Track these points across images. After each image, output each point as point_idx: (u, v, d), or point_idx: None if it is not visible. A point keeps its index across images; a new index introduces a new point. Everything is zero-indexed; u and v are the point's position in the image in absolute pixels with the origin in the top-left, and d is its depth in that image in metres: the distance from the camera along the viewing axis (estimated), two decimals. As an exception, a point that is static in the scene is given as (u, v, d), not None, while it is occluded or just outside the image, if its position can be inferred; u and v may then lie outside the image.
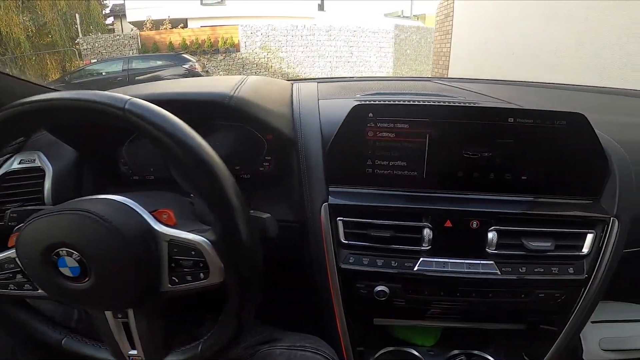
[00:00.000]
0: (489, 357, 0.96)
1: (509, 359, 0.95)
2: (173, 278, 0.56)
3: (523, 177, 0.76)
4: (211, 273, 0.55)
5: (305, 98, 0.94)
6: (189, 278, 0.56)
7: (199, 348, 0.61)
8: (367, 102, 0.78)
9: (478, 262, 0.75)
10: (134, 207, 0.56)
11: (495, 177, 0.76)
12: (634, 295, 1.09)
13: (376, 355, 0.95)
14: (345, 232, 0.75)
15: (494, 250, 0.75)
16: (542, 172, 0.76)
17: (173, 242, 0.54)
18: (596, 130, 0.74)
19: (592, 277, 0.76)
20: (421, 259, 0.76)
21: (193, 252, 0.54)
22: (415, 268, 0.76)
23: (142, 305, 0.58)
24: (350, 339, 0.84)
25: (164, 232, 0.55)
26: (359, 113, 0.76)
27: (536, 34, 4.14)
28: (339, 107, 0.88)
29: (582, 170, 0.76)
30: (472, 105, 0.90)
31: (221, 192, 0.51)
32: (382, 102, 0.79)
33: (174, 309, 0.68)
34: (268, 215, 0.64)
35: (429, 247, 0.76)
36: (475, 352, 0.98)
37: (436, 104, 0.89)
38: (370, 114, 0.76)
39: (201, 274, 0.55)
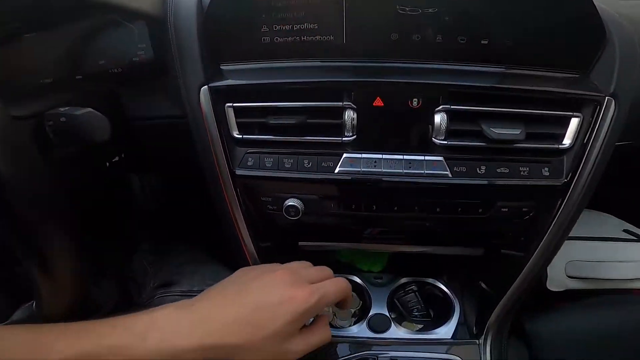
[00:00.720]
0: (442, 287, 0.80)
1: (465, 289, 0.79)
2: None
3: (484, 41, 0.54)
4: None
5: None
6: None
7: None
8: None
9: (421, 157, 0.55)
10: None
11: (444, 41, 0.54)
12: (614, 206, 0.91)
13: None
14: (238, 124, 0.55)
15: (443, 140, 0.54)
16: (509, 33, 0.53)
17: None
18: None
19: (574, 182, 0.56)
20: (344, 155, 0.55)
21: None
22: (337, 169, 0.55)
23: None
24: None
25: None
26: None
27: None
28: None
29: (569, 32, 0.53)
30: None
31: None
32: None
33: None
34: (87, 110, 0.47)
35: (353, 137, 0.55)
36: (428, 280, 0.82)
37: None
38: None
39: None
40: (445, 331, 0.75)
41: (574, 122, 0.54)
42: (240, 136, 0.54)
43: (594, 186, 0.57)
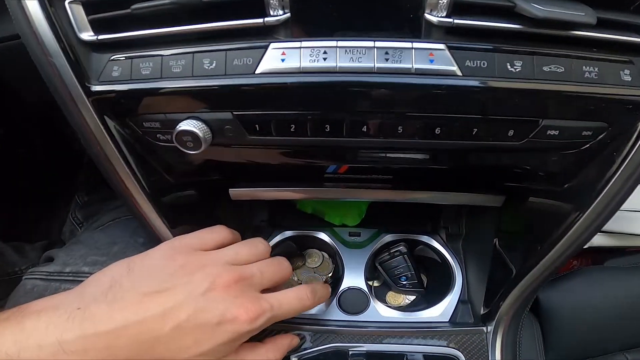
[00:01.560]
0: (440, 247, 0.58)
1: (471, 252, 0.58)
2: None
3: None
4: None
5: None
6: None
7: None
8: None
9: (407, 44, 0.31)
10: None
11: None
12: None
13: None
14: (91, 22, 0.34)
15: (444, 17, 0.30)
16: None
17: None
18: None
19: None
20: (272, 45, 0.32)
21: None
22: (259, 68, 0.32)
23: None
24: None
25: None
26: None
27: None
28: None
29: None
30: None
31: None
32: None
33: None
34: None
35: (285, 15, 0.31)
36: (422, 238, 0.60)
37: None
38: None
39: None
40: (441, 311, 0.54)
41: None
42: (94, 37, 0.34)
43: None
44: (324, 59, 0.31)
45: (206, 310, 0.36)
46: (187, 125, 0.34)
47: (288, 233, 0.62)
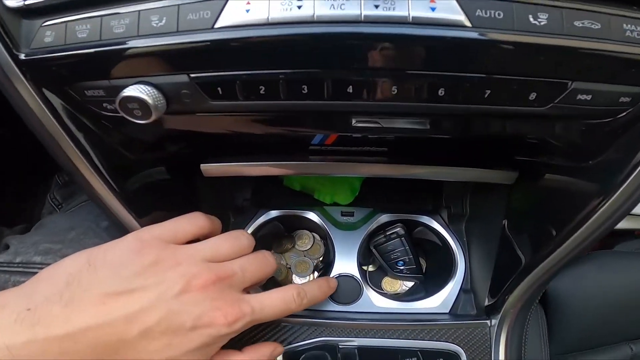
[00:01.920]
0: (441, 230, 0.52)
1: (476, 236, 0.53)
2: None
3: None
4: None
5: None
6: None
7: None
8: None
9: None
10: None
11: None
12: None
13: (253, 226, 0.56)
14: None
15: None
16: None
17: None
18: None
19: None
20: None
21: None
22: (218, 22, 0.26)
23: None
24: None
25: None
26: None
27: None
28: None
29: None
30: None
31: None
32: None
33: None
34: None
35: None
36: (421, 219, 0.55)
37: None
38: None
39: None
40: (441, 301, 0.50)
41: None
42: (21, 2, 0.29)
43: None
44: (298, 7, 0.24)
45: (179, 314, 0.32)
46: (132, 91, 0.28)
47: (274, 213, 0.57)
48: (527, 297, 0.43)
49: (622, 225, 0.65)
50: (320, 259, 0.57)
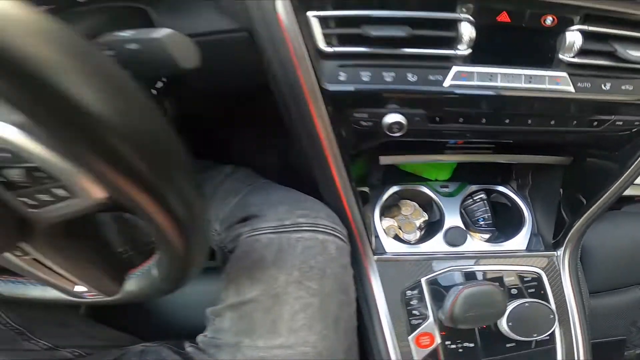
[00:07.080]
0: (512, 194, 0.78)
1: (539, 197, 0.77)
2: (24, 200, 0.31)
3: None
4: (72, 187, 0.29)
5: None
6: (43, 198, 0.31)
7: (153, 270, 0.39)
8: None
9: (544, 73, 0.50)
10: None
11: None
12: None
13: (384, 198, 0.76)
14: (325, 35, 0.47)
15: (572, 57, 0.49)
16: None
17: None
18: None
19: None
20: (454, 68, 0.49)
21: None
22: (447, 82, 0.50)
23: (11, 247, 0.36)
24: (352, 192, 0.62)
25: None
26: None
27: None
28: None
29: None
30: None
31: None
32: None
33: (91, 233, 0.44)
34: (168, 31, 0.38)
35: (467, 51, 0.48)
36: (498, 188, 0.79)
37: None
38: None
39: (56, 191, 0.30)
40: (518, 242, 0.75)
41: None
42: (331, 49, 0.47)
43: None
44: (490, 79, 0.50)
45: None
46: (393, 116, 0.51)
47: (395, 188, 0.77)
48: (577, 236, 0.70)
49: (627, 192, 0.90)
50: (423, 220, 0.80)
